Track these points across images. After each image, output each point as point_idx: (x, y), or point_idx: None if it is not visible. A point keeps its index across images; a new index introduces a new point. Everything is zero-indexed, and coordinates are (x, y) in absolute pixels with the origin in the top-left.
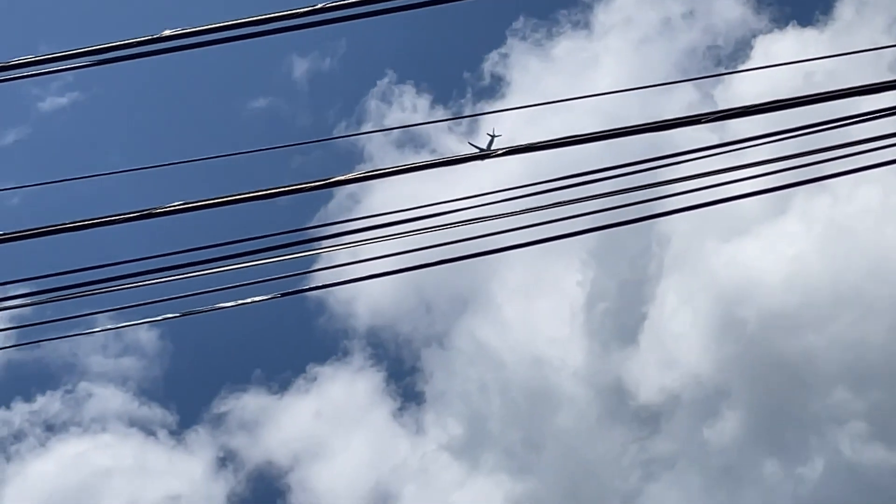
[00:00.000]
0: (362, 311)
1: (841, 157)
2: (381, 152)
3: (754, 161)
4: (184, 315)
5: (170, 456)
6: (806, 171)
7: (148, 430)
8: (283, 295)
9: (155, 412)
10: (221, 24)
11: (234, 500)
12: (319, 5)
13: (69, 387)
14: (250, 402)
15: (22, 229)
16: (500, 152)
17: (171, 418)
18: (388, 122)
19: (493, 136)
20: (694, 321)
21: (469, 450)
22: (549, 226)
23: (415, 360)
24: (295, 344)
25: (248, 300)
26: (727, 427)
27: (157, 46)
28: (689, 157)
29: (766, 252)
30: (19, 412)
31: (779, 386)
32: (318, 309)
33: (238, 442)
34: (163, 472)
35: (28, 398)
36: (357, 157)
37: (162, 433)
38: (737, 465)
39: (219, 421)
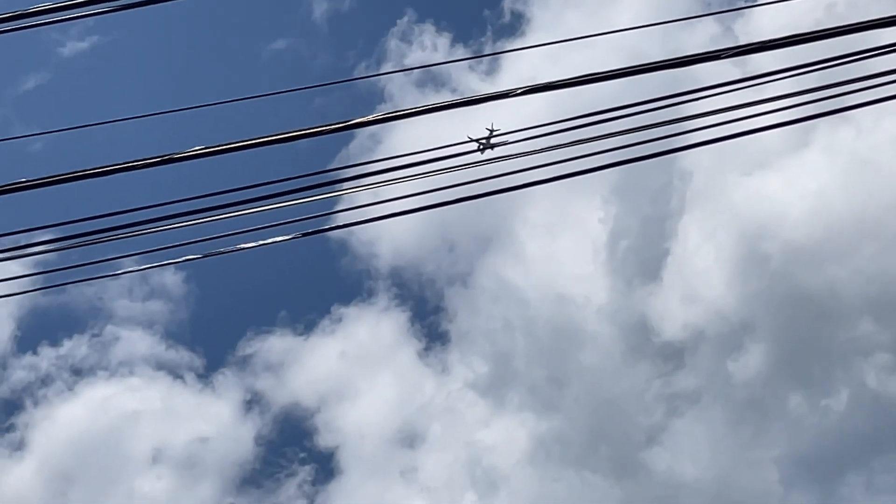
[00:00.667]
0: (385, 251)
1: (863, 88)
2: (402, 93)
3: (776, 95)
4: (205, 256)
5: (197, 399)
6: (828, 103)
7: (175, 373)
8: (303, 235)
9: (182, 355)
10: None
11: (261, 442)
12: None
13: (96, 331)
14: (276, 344)
15: (45, 176)
16: (520, 91)
17: (198, 361)
18: (409, 62)
19: (491, 131)
20: (717, 256)
21: (494, 388)
22: (571, 163)
23: (438, 300)
24: (319, 286)
25: (270, 240)
26: (751, 361)
27: None
28: (710, 93)
29: (788, 186)
30: (46, 357)
31: (803, 319)
32: (341, 251)
33: (264, 384)
34: (191, 414)
35: (55, 343)
36: (377, 97)
37: (189, 376)
38: (761, 398)
39: (245, 363)
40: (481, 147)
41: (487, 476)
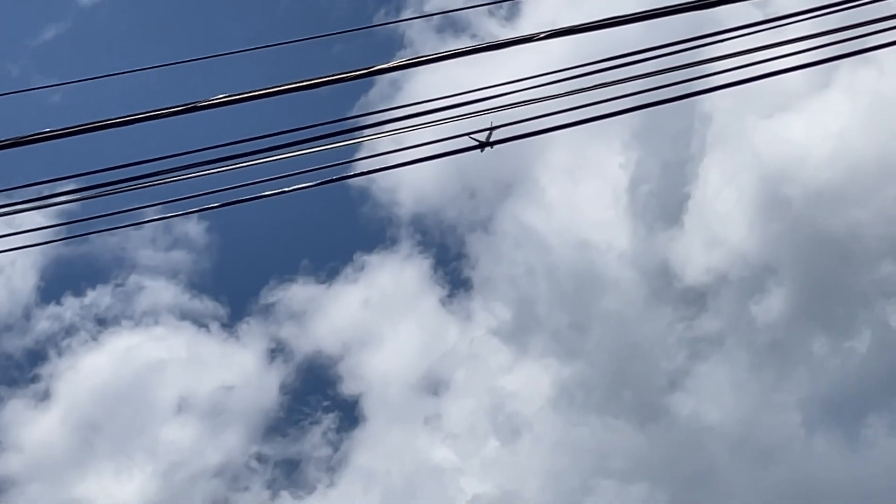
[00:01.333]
0: (406, 199)
1: (885, 29)
2: (422, 39)
3: (797, 37)
4: (227, 204)
5: (222, 348)
6: (850, 44)
7: (199, 322)
8: (325, 182)
9: (206, 305)
10: None
11: (285, 390)
12: None
13: (119, 281)
14: (298, 293)
15: (66, 126)
16: (542, 35)
17: (222, 311)
18: (429, 8)
19: (491, 130)
20: (738, 200)
21: (517, 334)
22: (591, 107)
23: (460, 247)
24: (341, 234)
25: (292, 188)
26: (774, 304)
27: None
28: (730, 35)
29: (809, 128)
30: (70, 307)
31: (825, 262)
32: (362, 198)
33: (288, 332)
34: (215, 363)
35: (78, 293)
36: (398, 44)
37: (213, 325)
38: (784, 341)
39: (268, 312)
40: (482, 146)
41: (510, 422)
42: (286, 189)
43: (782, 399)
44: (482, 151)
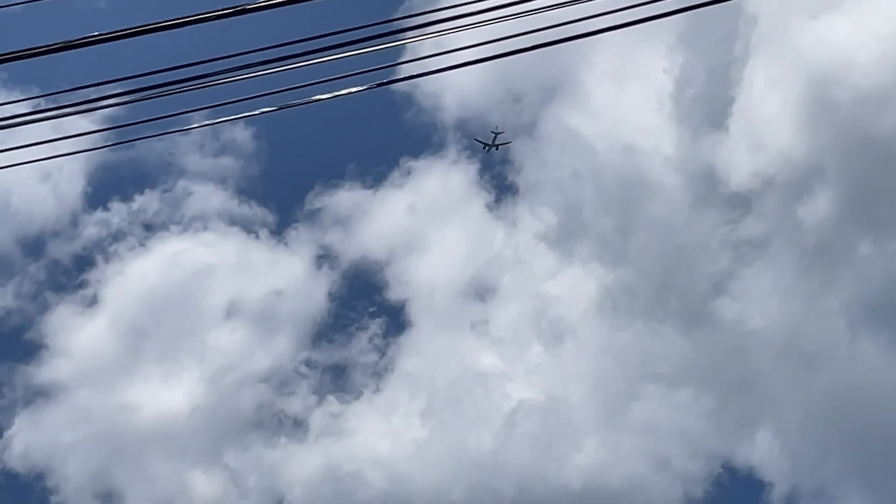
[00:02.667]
0: (450, 104)
1: None
2: None
3: None
4: (280, 108)
5: (271, 254)
6: None
7: (248, 228)
8: (377, 85)
9: (255, 211)
10: None
11: (333, 297)
12: None
13: (167, 186)
14: (345, 198)
15: (113, 30)
16: None
17: (271, 217)
18: None
19: (496, 133)
20: (784, 103)
21: (562, 239)
22: (636, 9)
23: (505, 152)
24: (387, 139)
25: (344, 91)
26: (820, 205)
27: None
28: None
29: (857, 29)
30: (117, 213)
31: (872, 164)
32: (406, 103)
33: (335, 238)
34: (264, 269)
35: (126, 198)
36: None
37: (263, 232)
38: (830, 243)
39: (316, 217)
40: (487, 147)
41: (555, 327)
42: (339, 93)
43: (827, 303)
44: (487, 153)
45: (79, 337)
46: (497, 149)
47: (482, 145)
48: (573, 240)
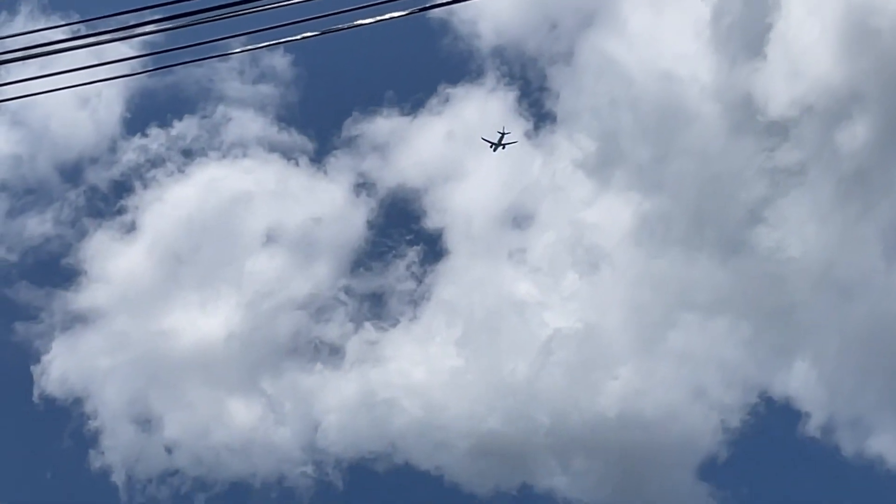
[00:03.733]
0: (487, 31)
1: None
2: None
3: None
4: (323, 34)
5: (310, 181)
6: None
7: (288, 155)
8: (421, 10)
9: (294, 138)
10: None
11: (371, 224)
12: None
13: (206, 112)
14: (383, 125)
15: None
16: None
17: (310, 145)
18: None
19: (502, 133)
20: (822, 30)
21: (600, 167)
22: None
23: (542, 80)
24: (424, 65)
25: (387, 16)
26: (859, 132)
27: None
28: None
29: None
30: (156, 139)
31: None
32: (443, 31)
33: (372, 165)
34: (304, 196)
35: (164, 124)
36: None
37: (302, 159)
38: (868, 169)
39: (354, 144)
40: (493, 146)
41: (592, 255)
42: (382, 17)
43: (865, 230)
44: (494, 151)
45: (117, 263)
46: (504, 147)
47: (489, 144)
48: (610, 167)
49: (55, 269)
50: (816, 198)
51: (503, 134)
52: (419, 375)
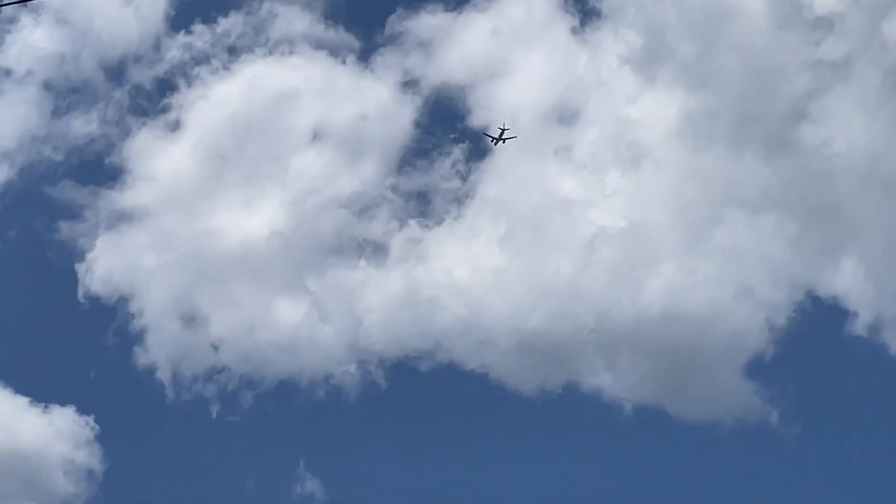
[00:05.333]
0: None
1: None
2: None
3: None
4: None
5: (357, 79)
6: None
7: (335, 52)
8: None
9: (341, 36)
10: None
11: (417, 122)
12: None
13: (251, 9)
14: (428, 22)
15: None
16: None
17: (357, 42)
18: None
19: (503, 129)
20: None
21: (646, 63)
22: None
23: None
24: None
25: None
26: None
27: None
28: None
29: None
30: (200, 36)
31: None
32: None
33: (418, 63)
34: (350, 93)
35: (209, 21)
36: None
37: (349, 57)
38: None
39: (399, 42)
40: (494, 140)
41: (637, 152)
42: None
43: None
44: (495, 145)
45: (161, 162)
46: (504, 142)
47: (490, 139)
48: (655, 63)
49: (99, 168)
50: (863, 92)
51: (503, 130)
52: (462, 274)
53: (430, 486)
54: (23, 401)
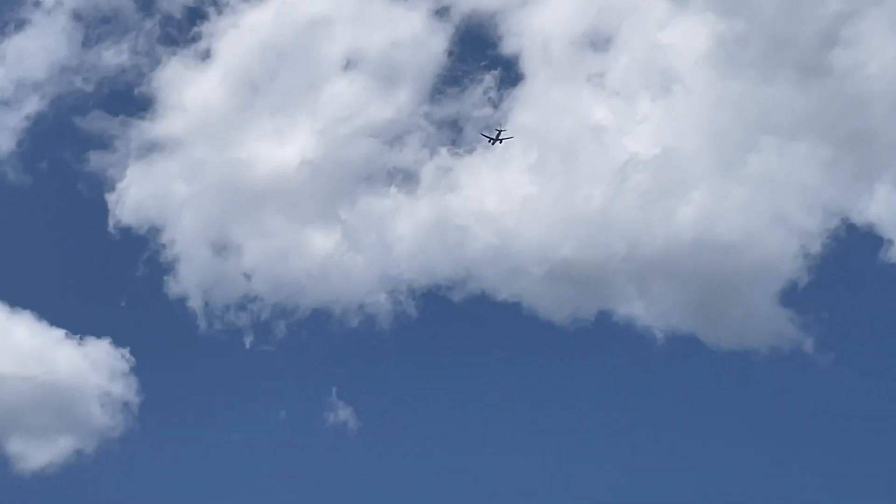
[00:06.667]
0: None
1: None
2: None
3: None
4: None
5: (388, 5)
6: None
7: None
8: None
9: None
10: None
11: (448, 50)
12: None
13: None
14: None
15: None
16: None
17: None
18: None
19: (500, 130)
20: None
21: None
22: None
23: None
24: None
25: None
26: None
27: None
28: None
29: None
30: None
31: None
32: None
33: None
34: (383, 21)
35: None
36: None
37: None
38: None
39: None
40: (491, 140)
41: (669, 78)
42: None
43: None
44: (492, 144)
45: (192, 91)
46: (501, 142)
47: (487, 139)
48: None
49: (130, 99)
50: None
51: (500, 131)
52: (493, 202)
53: (462, 415)
54: (58, 333)
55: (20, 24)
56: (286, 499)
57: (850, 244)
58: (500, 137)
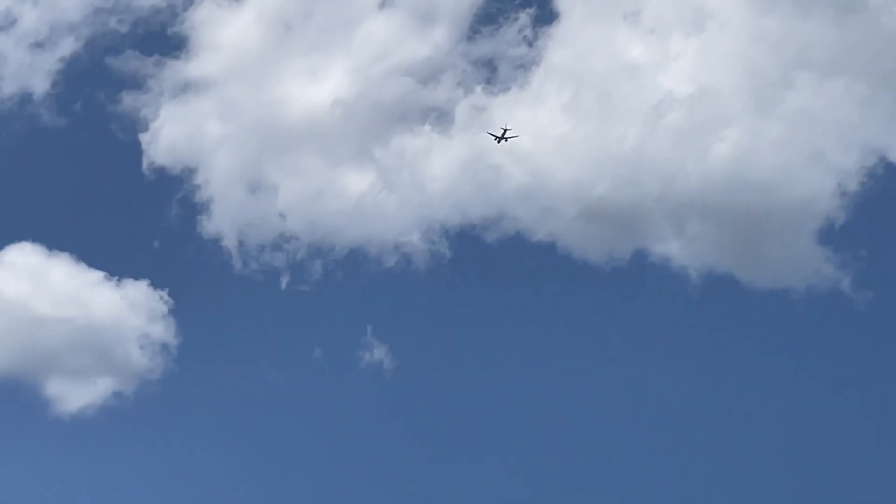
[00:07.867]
0: None
1: None
2: None
3: None
4: None
5: None
6: None
7: None
8: None
9: None
10: None
11: None
12: None
13: None
14: None
15: None
16: None
17: None
18: None
19: (505, 129)
20: None
21: None
22: None
23: None
24: None
25: None
26: None
27: None
28: None
29: None
30: None
31: None
32: None
33: None
34: None
35: None
36: None
37: None
38: None
39: None
40: (497, 139)
41: (705, 14)
42: None
43: None
44: (498, 143)
45: (226, 31)
46: (506, 141)
47: (493, 138)
48: None
49: (163, 39)
50: None
51: (505, 130)
52: (527, 141)
53: (497, 355)
54: (96, 275)
55: None
56: (323, 437)
57: (889, 182)
58: (505, 136)
